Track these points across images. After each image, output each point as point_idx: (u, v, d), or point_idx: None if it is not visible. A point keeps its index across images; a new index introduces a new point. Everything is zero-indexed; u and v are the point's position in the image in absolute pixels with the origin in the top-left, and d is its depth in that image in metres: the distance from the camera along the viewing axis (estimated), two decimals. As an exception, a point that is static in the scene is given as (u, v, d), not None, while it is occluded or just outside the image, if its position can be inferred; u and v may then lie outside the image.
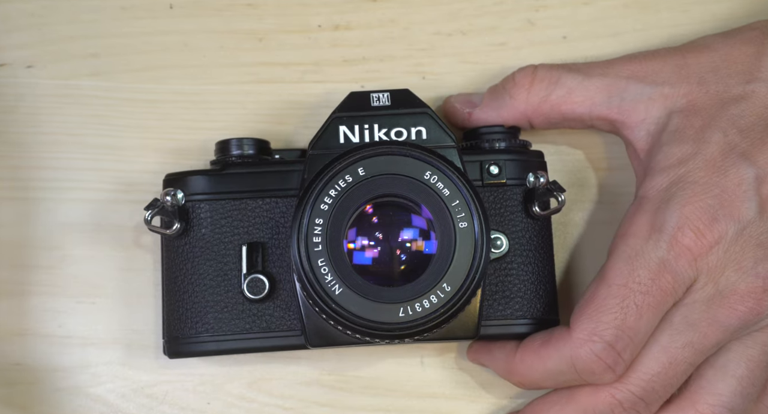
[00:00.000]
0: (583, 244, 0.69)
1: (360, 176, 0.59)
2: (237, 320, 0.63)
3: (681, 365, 0.60)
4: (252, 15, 0.71)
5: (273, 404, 0.68)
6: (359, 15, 0.71)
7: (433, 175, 0.59)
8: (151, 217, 0.62)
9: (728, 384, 0.61)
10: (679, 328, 0.60)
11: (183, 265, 0.64)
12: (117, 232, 0.68)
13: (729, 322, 0.60)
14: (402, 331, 0.57)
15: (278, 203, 0.64)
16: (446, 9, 0.71)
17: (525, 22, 0.71)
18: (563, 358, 0.61)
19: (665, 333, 0.60)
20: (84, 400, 0.67)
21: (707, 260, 0.60)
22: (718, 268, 0.60)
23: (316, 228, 0.58)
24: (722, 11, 0.71)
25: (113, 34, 0.70)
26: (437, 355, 0.69)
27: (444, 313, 0.57)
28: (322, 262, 0.57)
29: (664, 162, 0.62)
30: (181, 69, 0.70)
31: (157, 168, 0.68)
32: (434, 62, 0.71)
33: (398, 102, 0.62)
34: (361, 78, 0.71)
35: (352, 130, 0.62)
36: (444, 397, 0.69)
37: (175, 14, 0.71)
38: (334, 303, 0.57)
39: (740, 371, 0.61)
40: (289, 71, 0.71)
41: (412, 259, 0.59)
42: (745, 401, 0.62)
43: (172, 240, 0.64)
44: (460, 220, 0.58)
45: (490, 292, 0.63)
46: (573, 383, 0.62)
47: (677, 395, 0.62)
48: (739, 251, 0.60)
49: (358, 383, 0.68)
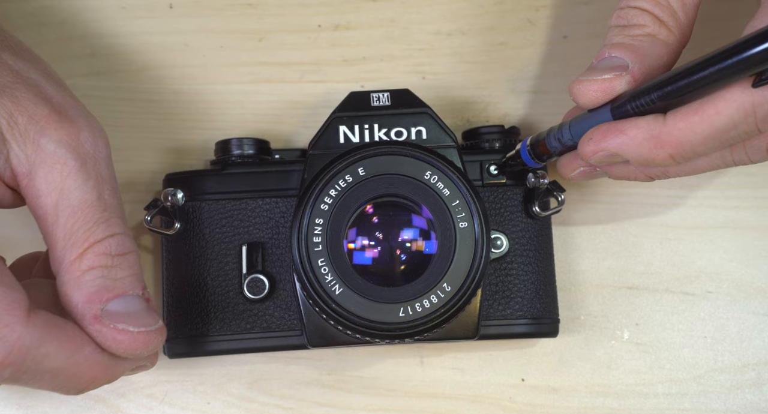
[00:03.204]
0: (583, 244, 0.69)
1: (360, 176, 0.59)
2: (237, 320, 0.63)
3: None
4: (252, 15, 0.71)
5: (273, 404, 0.68)
6: (359, 15, 0.71)
7: (433, 175, 0.59)
8: (151, 218, 0.62)
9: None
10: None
11: (183, 265, 0.64)
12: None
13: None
14: (402, 331, 0.57)
15: (278, 203, 0.64)
16: (446, 9, 0.71)
17: (525, 21, 0.71)
18: (740, 107, 0.52)
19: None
20: (84, 400, 0.67)
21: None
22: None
23: (316, 228, 0.58)
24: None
25: (113, 34, 0.70)
26: (437, 355, 0.69)
27: (444, 313, 0.57)
28: (322, 262, 0.57)
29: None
30: (181, 69, 0.70)
31: (157, 168, 0.68)
32: (434, 62, 0.71)
33: (398, 102, 0.62)
34: (361, 78, 0.71)
35: (352, 130, 0.62)
36: (444, 397, 0.69)
37: (175, 14, 0.71)
38: (334, 303, 0.57)
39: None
40: (289, 71, 0.71)
41: (412, 259, 0.59)
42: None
43: (172, 240, 0.64)
44: (460, 220, 0.58)
45: (490, 292, 0.63)
46: (740, 139, 0.54)
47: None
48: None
49: (358, 383, 0.68)
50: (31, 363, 0.51)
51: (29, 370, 0.51)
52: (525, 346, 0.68)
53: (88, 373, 0.54)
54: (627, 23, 0.59)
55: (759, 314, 0.69)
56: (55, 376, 0.53)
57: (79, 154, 0.55)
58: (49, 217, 0.54)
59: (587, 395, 0.69)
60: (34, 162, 0.54)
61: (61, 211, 0.54)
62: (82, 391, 0.55)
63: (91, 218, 0.54)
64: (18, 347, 0.50)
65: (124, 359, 0.55)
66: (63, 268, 0.54)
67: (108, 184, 0.56)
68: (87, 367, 0.54)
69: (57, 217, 0.54)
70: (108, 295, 0.53)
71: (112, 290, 0.54)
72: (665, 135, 0.54)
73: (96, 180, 0.55)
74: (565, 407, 0.69)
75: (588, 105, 0.57)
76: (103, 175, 0.56)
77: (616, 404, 0.69)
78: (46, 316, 0.52)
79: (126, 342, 0.53)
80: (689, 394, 0.69)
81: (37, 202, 0.54)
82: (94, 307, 0.53)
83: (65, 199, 0.54)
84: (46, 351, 0.51)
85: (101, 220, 0.55)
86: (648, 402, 0.69)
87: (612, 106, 0.56)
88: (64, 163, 0.54)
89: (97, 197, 0.55)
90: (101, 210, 0.55)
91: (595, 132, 0.56)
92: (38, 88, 0.56)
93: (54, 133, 0.55)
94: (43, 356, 0.51)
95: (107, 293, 0.54)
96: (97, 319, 0.53)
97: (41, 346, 0.51)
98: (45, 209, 0.54)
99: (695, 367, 0.69)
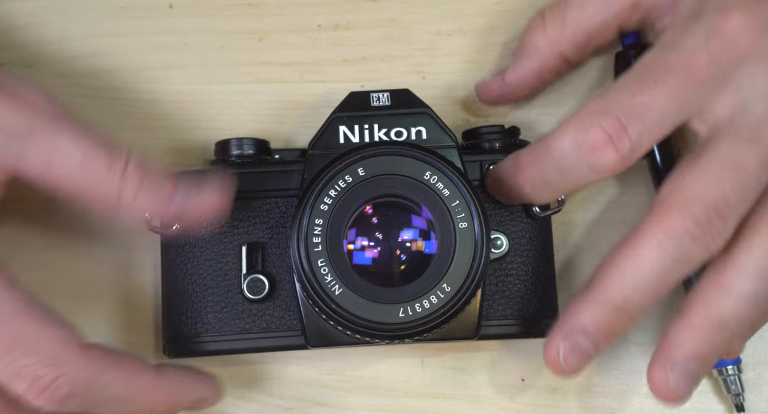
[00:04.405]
0: (583, 244, 0.69)
1: (360, 176, 0.59)
2: (237, 320, 0.63)
3: (750, 167, 0.55)
4: (252, 15, 0.71)
5: (273, 404, 0.68)
6: (359, 15, 0.71)
7: (433, 176, 0.59)
8: (151, 217, 0.62)
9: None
10: (740, 133, 0.55)
11: (183, 265, 0.64)
12: (116, 231, 0.68)
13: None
14: (402, 331, 0.57)
15: (278, 203, 0.64)
16: (446, 9, 0.71)
17: (525, 21, 0.71)
18: (568, 134, 0.56)
19: (724, 139, 0.55)
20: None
21: (754, 45, 0.55)
22: (766, 54, 0.55)
23: (316, 228, 0.58)
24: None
25: (112, 34, 0.70)
26: (437, 355, 0.69)
27: (444, 313, 0.57)
28: (321, 262, 0.57)
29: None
30: (181, 69, 0.70)
31: (156, 168, 0.68)
32: (434, 62, 0.71)
33: (398, 102, 0.62)
34: (361, 78, 0.71)
35: (352, 130, 0.62)
36: (444, 397, 0.69)
37: (175, 14, 0.71)
38: (333, 303, 0.57)
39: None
40: (289, 71, 0.71)
41: (412, 260, 0.59)
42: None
43: (172, 240, 0.64)
44: (460, 221, 0.58)
45: (490, 293, 0.63)
46: (574, 172, 0.57)
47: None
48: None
49: (358, 383, 0.68)
50: (95, 393, 0.55)
51: (96, 400, 0.56)
52: (525, 346, 0.68)
53: (149, 399, 0.58)
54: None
55: (759, 314, 0.69)
56: (121, 404, 0.57)
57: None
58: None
59: (587, 395, 0.69)
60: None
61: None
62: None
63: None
64: (81, 379, 0.54)
65: (184, 387, 0.60)
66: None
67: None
68: (147, 392, 0.58)
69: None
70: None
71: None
72: (518, 163, 0.60)
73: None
74: (565, 407, 0.69)
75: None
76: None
77: (616, 404, 0.69)
78: (101, 349, 0.57)
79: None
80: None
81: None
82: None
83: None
84: (107, 380, 0.56)
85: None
86: (648, 402, 0.69)
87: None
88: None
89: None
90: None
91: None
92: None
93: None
94: (105, 385, 0.56)
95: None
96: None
97: (101, 375, 0.55)
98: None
99: (695, 367, 0.69)
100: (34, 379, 0.54)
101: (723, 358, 0.66)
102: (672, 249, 0.55)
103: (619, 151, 0.56)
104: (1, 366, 0.54)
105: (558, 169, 0.58)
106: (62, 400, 0.54)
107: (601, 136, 0.56)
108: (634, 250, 0.56)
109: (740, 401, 0.67)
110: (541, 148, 0.59)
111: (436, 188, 0.59)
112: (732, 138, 0.56)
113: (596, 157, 0.56)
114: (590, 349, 0.58)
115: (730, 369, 0.66)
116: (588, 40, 0.65)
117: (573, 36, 0.65)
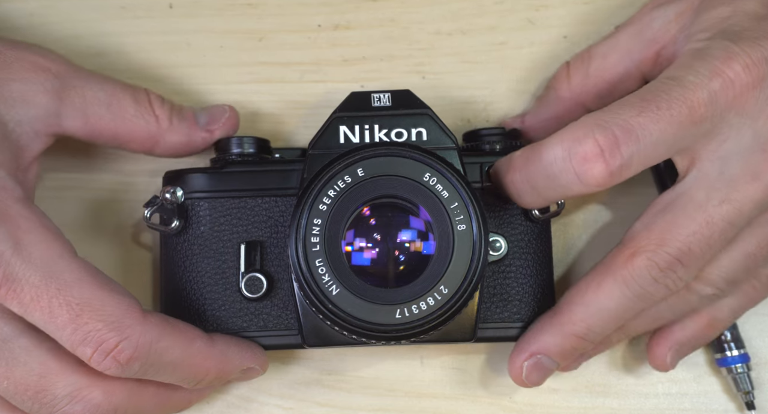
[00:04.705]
0: (583, 246, 0.69)
1: (359, 177, 0.59)
2: (234, 318, 0.63)
3: (718, 224, 0.57)
4: (252, 15, 0.71)
5: (273, 404, 0.68)
6: (359, 15, 0.71)
7: (432, 177, 0.59)
8: (150, 215, 0.62)
9: (733, 258, 0.60)
10: (715, 185, 0.58)
11: (181, 263, 0.64)
12: (116, 229, 0.69)
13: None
14: (398, 332, 0.57)
15: (277, 202, 0.64)
16: (446, 9, 0.71)
17: (525, 21, 0.71)
18: (562, 142, 0.57)
19: (701, 190, 0.58)
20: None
21: (748, 97, 0.57)
22: (756, 110, 0.57)
23: (315, 228, 0.58)
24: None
25: (113, 34, 0.70)
26: (437, 355, 0.69)
27: (441, 315, 0.57)
28: (319, 262, 0.57)
29: (705, 24, 0.60)
30: (181, 69, 0.70)
31: (156, 166, 0.68)
32: (434, 62, 0.71)
33: (399, 102, 0.62)
34: (361, 78, 0.71)
35: (353, 130, 0.62)
36: (444, 397, 0.69)
37: (175, 14, 0.71)
38: (331, 304, 0.57)
39: (749, 248, 0.60)
40: (289, 71, 0.71)
41: (410, 261, 0.59)
42: (747, 275, 0.61)
43: (171, 237, 0.64)
44: (458, 223, 0.58)
45: (488, 295, 0.63)
46: (561, 180, 0.58)
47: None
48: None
49: (358, 383, 0.69)
50: (154, 357, 0.58)
51: (154, 364, 0.58)
52: (525, 346, 0.68)
53: (202, 365, 0.60)
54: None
55: (759, 314, 0.69)
56: (176, 368, 0.59)
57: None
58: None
59: (587, 395, 0.69)
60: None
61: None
62: (200, 384, 0.61)
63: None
64: (141, 343, 0.57)
65: (233, 356, 0.62)
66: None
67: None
68: (200, 358, 0.60)
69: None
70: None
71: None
72: (512, 166, 0.61)
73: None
74: (565, 407, 0.69)
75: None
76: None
77: (616, 404, 0.69)
78: (159, 316, 0.59)
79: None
80: (689, 394, 0.69)
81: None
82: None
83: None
84: (165, 345, 0.58)
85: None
86: (648, 402, 0.69)
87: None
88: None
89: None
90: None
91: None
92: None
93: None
94: (163, 350, 0.58)
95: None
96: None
97: (160, 341, 0.58)
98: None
99: (695, 367, 0.69)
100: (99, 343, 0.56)
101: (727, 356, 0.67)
102: (635, 287, 0.59)
103: (608, 166, 0.56)
104: (69, 331, 0.56)
105: (546, 175, 0.58)
106: (125, 364, 0.57)
107: (593, 148, 0.56)
108: (600, 285, 0.59)
109: (750, 399, 0.67)
110: (534, 152, 0.59)
111: (435, 190, 0.59)
112: (707, 193, 0.58)
113: (585, 168, 0.57)
114: (552, 367, 0.63)
115: (740, 367, 0.66)
116: (611, 90, 0.66)
117: (595, 86, 0.66)
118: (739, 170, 0.58)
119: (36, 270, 0.56)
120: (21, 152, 0.61)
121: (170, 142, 0.65)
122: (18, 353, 0.57)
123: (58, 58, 0.63)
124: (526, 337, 0.62)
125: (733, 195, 0.57)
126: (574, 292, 0.61)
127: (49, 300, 0.56)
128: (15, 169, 0.60)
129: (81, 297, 0.56)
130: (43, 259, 0.56)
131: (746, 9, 0.59)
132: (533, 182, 0.59)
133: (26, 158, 0.61)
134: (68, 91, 0.62)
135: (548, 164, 0.58)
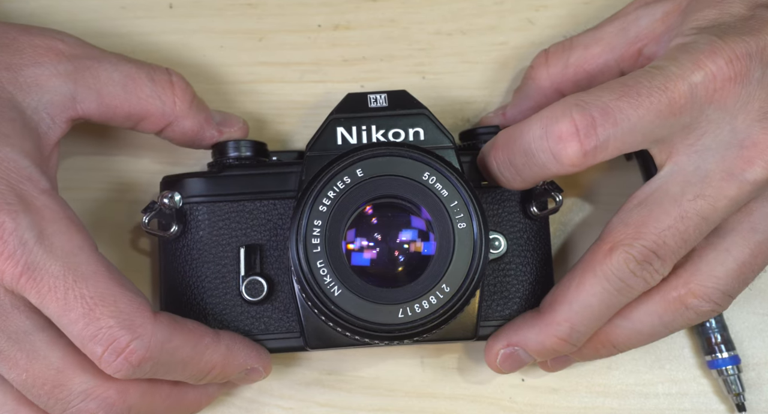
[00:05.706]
0: (583, 245, 0.69)
1: (358, 177, 0.59)
2: (235, 322, 0.63)
3: (693, 219, 0.58)
4: (252, 15, 0.71)
5: (273, 404, 0.68)
6: (359, 15, 0.71)
7: (431, 176, 0.59)
8: (148, 220, 0.62)
9: (727, 268, 0.60)
10: (691, 180, 0.58)
11: (181, 268, 0.64)
12: (114, 233, 0.69)
13: (745, 176, 0.57)
14: (401, 332, 0.57)
15: (276, 205, 0.64)
16: (446, 9, 0.71)
17: (525, 21, 0.71)
18: (541, 120, 0.58)
19: (677, 184, 0.58)
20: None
21: (729, 92, 0.57)
22: (736, 107, 0.57)
23: (315, 229, 0.58)
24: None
25: (113, 34, 0.70)
26: (437, 355, 0.69)
27: (443, 313, 0.57)
28: (320, 263, 0.57)
29: (693, 23, 0.60)
30: (181, 69, 0.70)
31: (154, 169, 0.68)
32: (434, 62, 0.71)
33: (396, 103, 0.62)
34: (360, 78, 0.71)
35: (350, 132, 0.62)
36: (444, 397, 0.69)
37: (175, 14, 0.71)
38: (333, 304, 0.57)
39: (743, 256, 0.60)
40: (289, 71, 0.71)
41: (411, 260, 0.59)
42: (742, 285, 0.61)
43: (170, 242, 0.64)
44: (458, 221, 0.58)
45: (489, 293, 0.63)
46: (538, 158, 0.58)
47: (672, 273, 0.60)
48: (765, 98, 0.57)
49: (358, 383, 0.69)
50: (166, 356, 0.58)
51: (165, 363, 0.58)
52: (525, 346, 0.68)
53: (209, 361, 0.60)
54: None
55: (759, 314, 0.69)
56: (186, 366, 0.59)
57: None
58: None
59: (587, 395, 0.69)
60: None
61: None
62: (204, 380, 0.61)
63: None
64: (153, 343, 0.57)
65: (238, 352, 0.61)
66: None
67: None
68: (208, 354, 0.60)
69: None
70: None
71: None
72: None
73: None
74: (565, 407, 0.69)
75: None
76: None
77: (616, 404, 0.69)
78: (168, 315, 0.59)
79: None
80: (689, 394, 0.69)
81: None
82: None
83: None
84: (176, 344, 0.58)
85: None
86: (648, 402, 0.69)
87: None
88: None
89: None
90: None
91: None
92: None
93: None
94: (174, 349, 0.58)
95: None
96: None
97: (171, 340, 0.58)
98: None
99: (695, 367, 0.69)
100: (111, 341, 0.56)
101: (717, 358, 0.67)
102: (615, 281, 0.59)
103: (583, 145, 0.57)
104: (81, 325, 0.56)
105: (524, 152, 0.59)
106: (136, 365, 0.56)
107: (569, 127, 0.57)
108: (581, 282, 0.59)
109: (741, 401, 0.67)
110: (516, 130, 0.60)
111: (434, 189, 0.59)
112: (682, 187, 0.58)
113: (560, 147, 0.57)
114: (527, 361, 0.63)
115: (730, 369, 0.66)
116: (590, 80, 0.66)
117: (575, 76, 0.66)
118: (714, 166, 0.58)
119: (56, 260, 0.56)
120: (41, 141, 0.61)
121: (183, 126, 0.65)
122: (39, 346, 0.57)
123: (73, 41, 0.63)
124: (511, 326, 0.63)
125: (707, 191, 0.58)
126: (557, 292, 0.61)
127: (65, 291, 0.56)
128: (39, 158, 0.60)
129: (96, 291, 0.56)
130: (64, 249, 0.56)
131: (732, 11, 0.60)
132: (513, 160, 0.60)
133: (47, 147, 0.61)
134: (82, 73, 0.62)
135: (527, 142, 0.58)
